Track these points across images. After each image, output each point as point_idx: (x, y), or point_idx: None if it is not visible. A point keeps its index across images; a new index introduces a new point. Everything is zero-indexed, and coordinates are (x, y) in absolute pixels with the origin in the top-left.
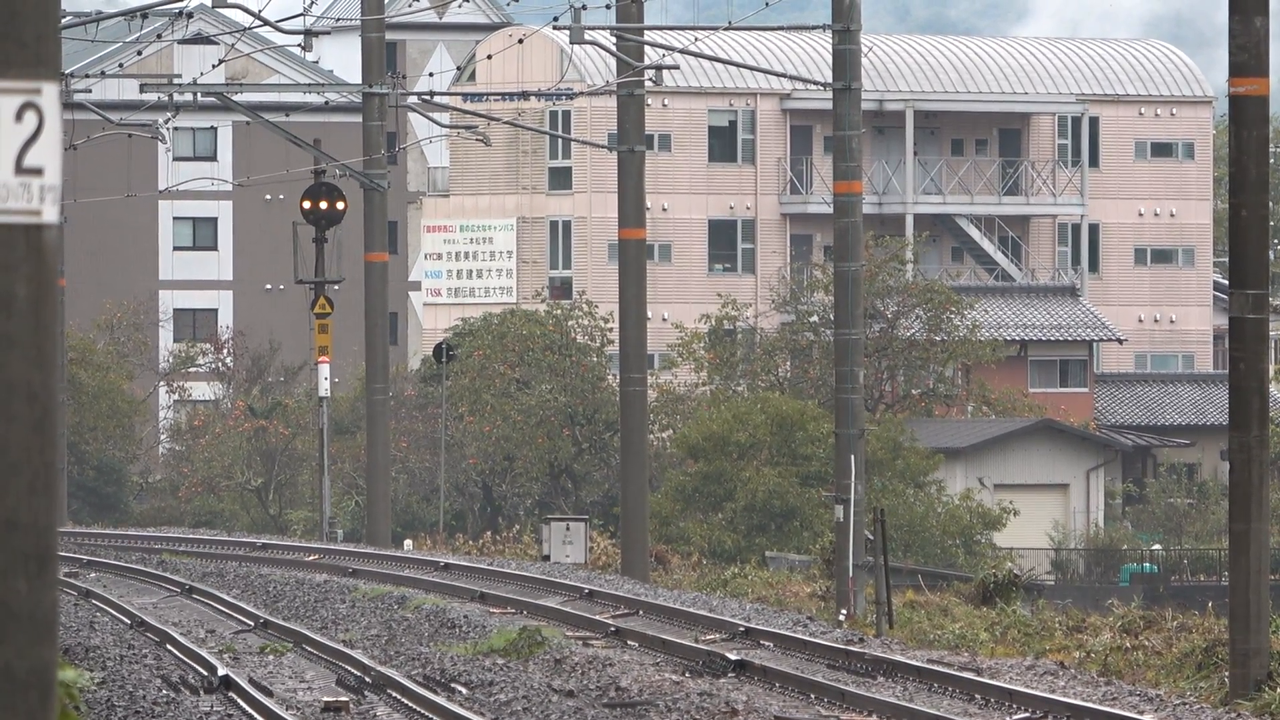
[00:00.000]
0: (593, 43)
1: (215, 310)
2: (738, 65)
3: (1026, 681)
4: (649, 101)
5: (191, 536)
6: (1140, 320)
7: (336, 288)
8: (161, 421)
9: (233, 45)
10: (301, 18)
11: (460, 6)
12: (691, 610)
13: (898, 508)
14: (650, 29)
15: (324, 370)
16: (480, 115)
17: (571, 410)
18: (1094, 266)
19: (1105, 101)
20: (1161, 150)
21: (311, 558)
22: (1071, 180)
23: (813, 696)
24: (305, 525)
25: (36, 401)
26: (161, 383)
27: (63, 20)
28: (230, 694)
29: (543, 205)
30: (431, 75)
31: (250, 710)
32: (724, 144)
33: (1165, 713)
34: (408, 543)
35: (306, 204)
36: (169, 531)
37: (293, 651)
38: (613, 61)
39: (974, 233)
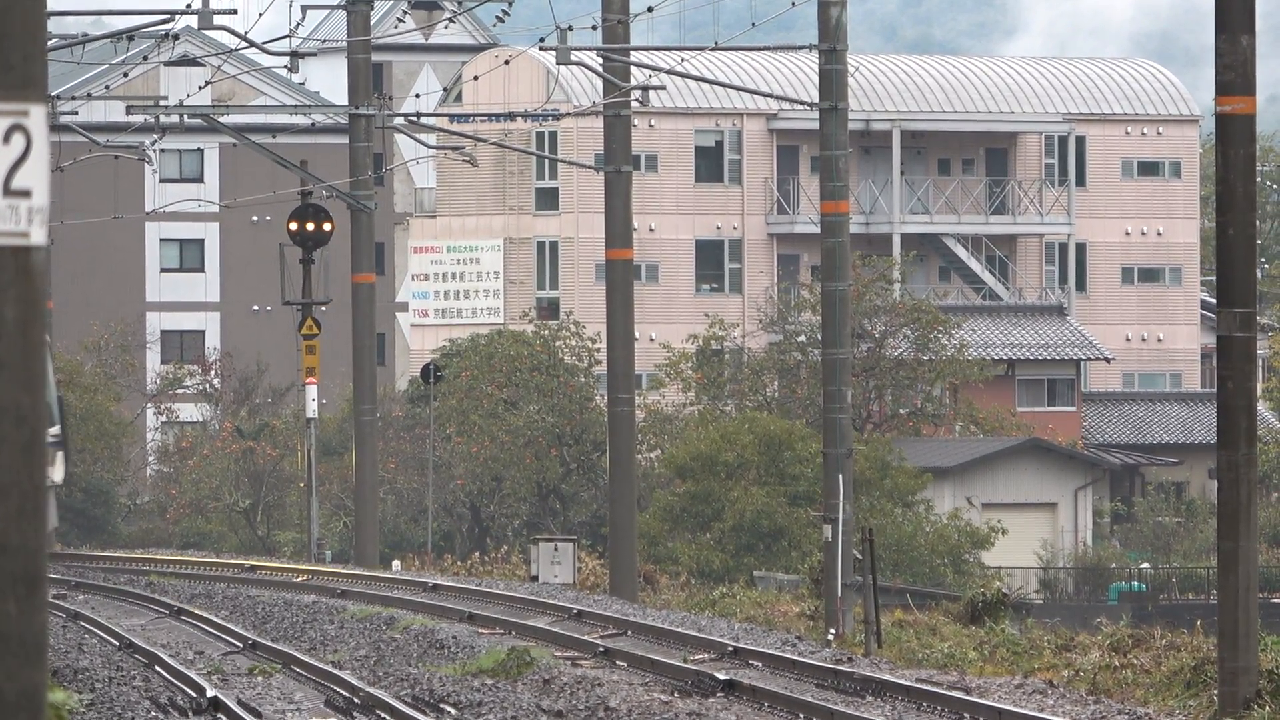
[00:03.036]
0: (579, 63)
1: (202, 332)
2: (724, 86)
3: (1015, 700)
4: (635, 122)
5: (180, 558)
6: (1128, 339)
7: (324, 309)
8: (149, 443)
9: (219, 67)
10: (288, 39)
11: (446, 28)
12: (680, 630)
13: (886, 527)
14: (636, 50)
15: (311, 391)
16: (467, 136)
17: (559, 431)
18: (1081, 285)
19: (1092, 121)
20: (1148, 169)
21: (300, 579)
22: (1058, 199)
23: (802, 716)
24: (293, 546)
25: (25, 424)
26: (149, 404)
27: (49, 42)
28: (219, 715)
29: (529, 226)
30: (418, 96)
31: None
32: (711, 164)
33: None
34: (396, 563)
35: (293, 225)
36: (157, 553)
37: (281, 673)
38: (599, 82)
39: (961, 252)
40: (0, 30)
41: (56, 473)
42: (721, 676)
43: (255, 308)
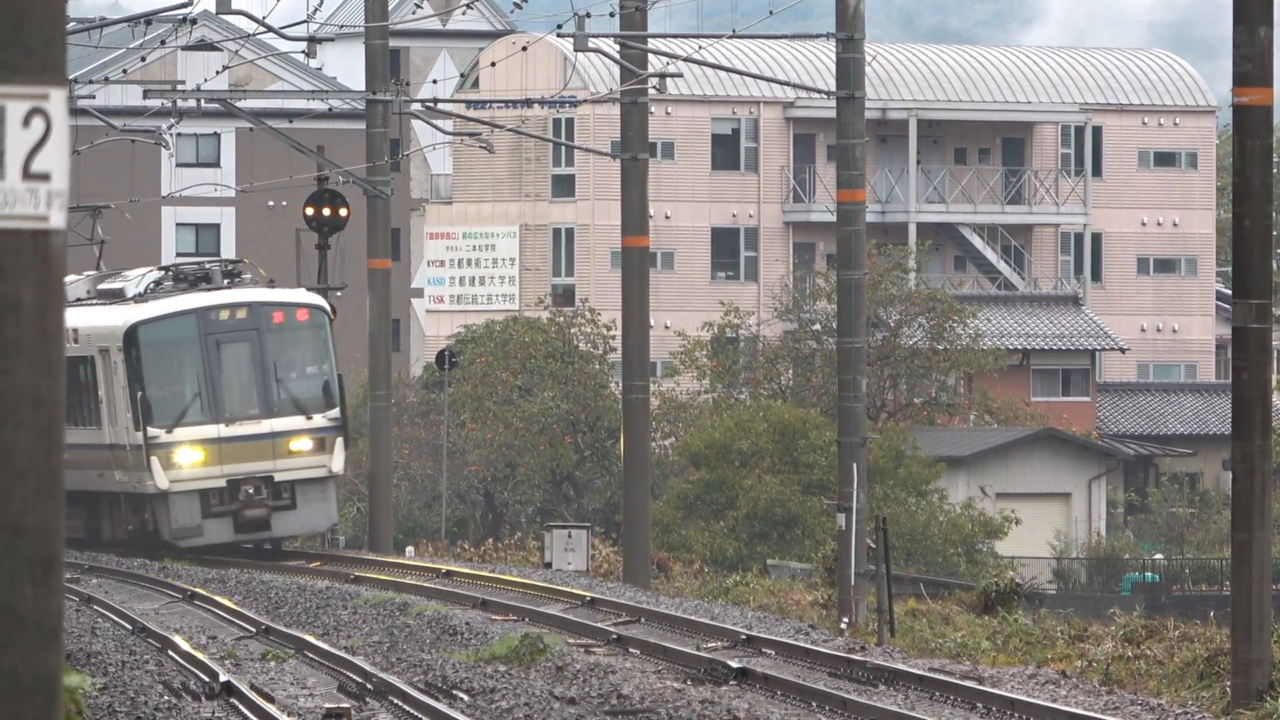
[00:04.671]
0: (596, 50)
1: None
2: (741, 73)
3: (1028, 690)
4: (652, 109)
5: None
6: (1143, 329)
7: (339, 294)
8: None
9: (236, 52)
10: (305, 24)
11: (464, 14)
12: (693, 618)
13: (900, 516)
14: (654, 37)
15: None
16: (483, 122)
17: (574, 418)
18: (1097, 276)
19: (1109, 111)
20: (1165, 160)
21: (313, 564)
22: (1074, 189)
23: (814, 705)
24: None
25: (42, 407)
26: None
27: (68, 26)
28: (232, 700)
29: (545, 213)
30: (435, 82)
31: (252, 716)
32: (727, 152)
33: None
34: (410, 550)
35: (309, 210)
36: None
37: (294, 658)
38: (616, 69)
39: (977, 241)
40: (21, 14)
41: (335, 461)
42: (734, 665)
43: None
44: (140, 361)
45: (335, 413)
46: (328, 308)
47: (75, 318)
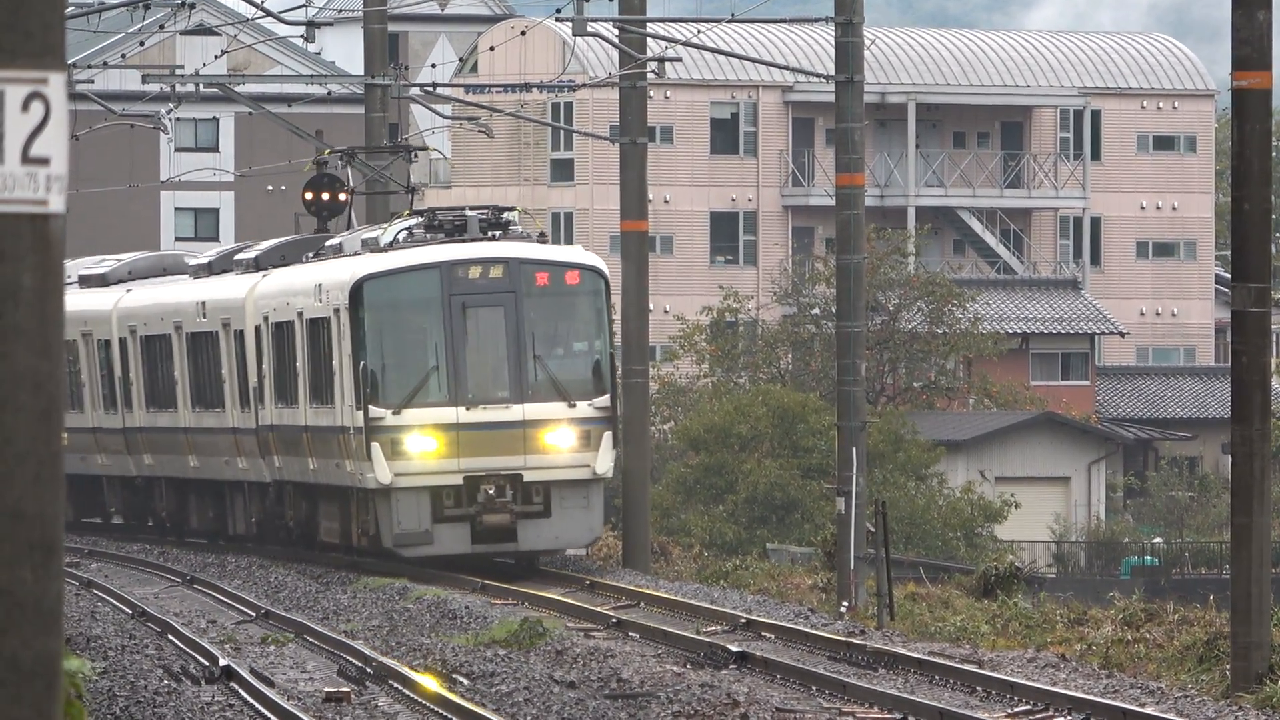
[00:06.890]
0: (595, 34)
1: None
2: (740, 57)
3: (1028, 674)
4: (651, 93)
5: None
6: (1142, 313)
7: None
8: None
9: (235, 36)
10: (304, 9)
11: None
12: (693, 602)
13: (899, 500)
14: (653, 21)
15: None
16: (482, 107)
17: None
18: (1096, 259)
19: (1108, 94)
20: (1164, 143)
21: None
22: (1073, 173)
23: (814, 688)
24: None
25: (42, 391)
26: None
27: (66, 10)
28: (232, 684)
29: (544, 197)
30: (434, 67)
31: (251, 700)
32: (726, 136)
33: (1166, 705)
34: None
35: (309, 195)
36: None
37: (294, 642)
38: (615, 53)
39: (976, 225)
40: None
41: (601, 461)
42: (734, 648)
43: None
44: (365, 324)
45: (605, 401)
46: (605, 271)
47: (319, 272)
